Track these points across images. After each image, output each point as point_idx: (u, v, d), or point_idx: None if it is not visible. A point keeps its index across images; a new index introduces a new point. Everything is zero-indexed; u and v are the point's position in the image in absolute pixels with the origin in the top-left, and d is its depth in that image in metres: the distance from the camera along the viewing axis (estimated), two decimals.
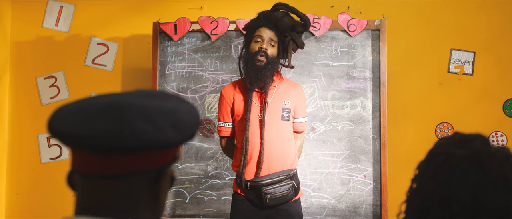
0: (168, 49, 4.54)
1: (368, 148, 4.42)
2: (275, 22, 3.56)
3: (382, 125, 4.38)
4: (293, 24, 3.62)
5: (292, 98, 3.61)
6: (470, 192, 1.33)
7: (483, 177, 1.34)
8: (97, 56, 5.03)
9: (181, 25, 4.52)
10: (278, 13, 3.59)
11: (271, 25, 3.56)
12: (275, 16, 3.57)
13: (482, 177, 1.34)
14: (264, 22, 3.57)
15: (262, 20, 3.59)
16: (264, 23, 3.57)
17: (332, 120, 4.45)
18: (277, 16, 3.57)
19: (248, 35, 3.62)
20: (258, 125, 3.51)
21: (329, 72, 4.47)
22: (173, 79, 4.53)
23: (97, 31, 5.04)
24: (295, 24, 3.63)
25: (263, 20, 3.58)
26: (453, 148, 1.40)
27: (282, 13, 3.60)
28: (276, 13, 3.59)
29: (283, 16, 3.58)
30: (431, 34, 4.90)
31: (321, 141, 4.45)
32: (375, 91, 4.42)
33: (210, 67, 4.52)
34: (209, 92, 4.52)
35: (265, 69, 3.46)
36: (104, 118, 1.21)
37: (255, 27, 3.58)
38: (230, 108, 3.62)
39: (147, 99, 1.28)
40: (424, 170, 1.45)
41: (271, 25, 3.56)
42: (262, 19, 3.60)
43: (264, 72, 3.45)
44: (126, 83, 5.00)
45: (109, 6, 5.03)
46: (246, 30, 3.69)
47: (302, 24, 3.65)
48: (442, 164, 1.39)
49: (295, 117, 3.64)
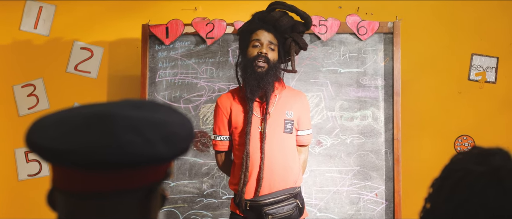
0: (158, 55, 4.54)
1: (380, 164, 4.41)
2: (273, 23, 3.54)
3: (396, 138, 4.38)
4: (293, 23, 3.60)
5: (296, 108, 3.59)
6: (488, 212, 1.32)
7: (503, 195, 1.32)
8: (80, 62, 5.03)
9: (173, 28, 4.52)
10: (275, 13, 3.56)
11: (268, 26, 3.54)
12: (273, 17, 3.55)
13: (501, 195, 1.32)
14: (261, 24, 3.55)
15: (258, 22, 3.57)
16: (261, 25, 3.54)
17: (340, 133, 4.45)
18: (275, 16, 3.54)
19: (244, 40, 3.60)
20: (258, 138, 3.49)
21: (337, 79, 4.48)
22: (164, 87, 4.53)
23: (81, 35, 5.04)
24: (295, 23, 3.61)
25: (259, 22, 3.56)
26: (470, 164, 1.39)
27: (280, 13, 3.58)
28: (273, 13, 3.56)
29: (281, 15, 3.56)
30: (450, 37, 4.90)
31: (328, 156, 4.45)
32: (387, 101, 4.42)
33: (205, 75, 4.53)
34: (204, 102, 4.52)
35: (267, 76, 3.43)
36: (88, 130, 1.20)
37: (252, 30, 3.56)
38: (227, 119, 3.60)
39: (136, 109, 1.28)
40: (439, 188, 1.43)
41: (268, 26, 3.54)
42: (257, 21, 3.58)
43: (266, 79, 3.43)
44: (112, 92, 4.99)
45: (94, 7, 5.03)
46: (241, 34, 3.67)
47: (302, 23, 3.64)
48: (459, 181, 1.37)
49: (299, 129, 3.62)
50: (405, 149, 4.62)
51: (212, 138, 3.69)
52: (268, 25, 3.55)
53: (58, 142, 1.20)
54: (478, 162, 1.39)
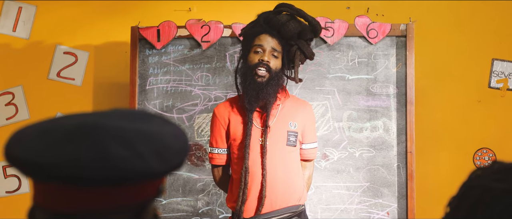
0: (149, 60, 4.55)
1: (392, 179, 4.41)
2: (278, 27, 3.50)
3: (409, 151, 4.38)
4: (301, 30, 3.55)
5: (300, 119, 3.59)
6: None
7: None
8: (64, 68, 5.04)
9: (165, 31, 4.53)
10: (282, 17, 3.53)
11: (273, 31, 3.51)
12: (278, 20, 3.50)
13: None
14: (265, 28, 3.52)
15: (263, 25, 3.54)
16: (265, 29, 3.52)
17: (348, 145, 4.45)
18: (281, 20, 3.50)
19: (246, 44, 3.59)
20: (259, 152, 3.49)
21: (345, 87, 4.48)
22: (155, 96, 4.54)
23: (64, 38, 5.05)
24: (302, 30, 3.57)
25: (264, 25, 3.54)
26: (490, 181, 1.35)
27: (287, 17, 3.54)
28: (279, 17, 3.52)
29: (288, 20, 3.51)
30: (468, 41, 4.90)
31: (335, 171, 4.45)
32: (400, 111, 4.43)
33: (200, 82, 4.53)
34: (199, 112, 4.52)
35: (267, 86, 3.43)
36: (73, 143, 1.19)
37: (254, 33, 3.54)
38: (224, 131, 3.60)
39: (125, 120, 1.27)
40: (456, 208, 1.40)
41: (273, 31, 3.51)
42: (262, 23, 3.55)
43: (266, 89, 3.42)
44: (99, 101, 5.00)
45: (78, 7, 5.04)
46: (243, 37, 3.67)
47: (311, 30, 3.61)
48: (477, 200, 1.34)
49: (303, 142, 3.63)
50: (419, 163, 4.62)
51: (208, 151, 3.69)
52: (273, 30, 3.51)
53: (41, 155, 1.18)
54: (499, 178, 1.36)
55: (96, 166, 1.17)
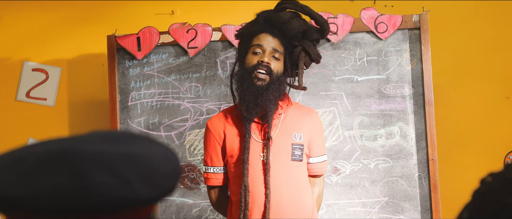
0: (130, 72, 4.54)
1: (413, 192, 4.40)
2: (280, 26, 3.50)
3: (431, 158, 4.37)
4: (306, 29, 3.55)
5: (305, 129, 3.57)
6: None
7: None
8: (33, 87, 5.03)
9: (146, 38, 4.52)
10: (285, 14, 3.52)
11: (274, 30, 3.50)
12: (281, 18, 3.50)
13: None
14: (266, 27, 3.51)
15: (263, 24, 3.54)
16: (265, 27, 3.51)
17: (361, 156, 4.44)
18: (284, 17, 3.49)
19: (243, 45, 3.57)
20: (261, 169, 3.47)
21: (354, 90, 4.47)
22: (139, 112, 4.53)
23: (32, 53, 5.05)
24: (308, 29, 3.56)
25: (264, 24, 3.54)
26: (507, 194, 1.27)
27: (290, 14, 3.53)
28: (281, 14, 3.51)
29: (291, 17, 3.51)
30: (492, 30, 4.89)
31: (348, 186, 4.43)
32: (418, 113, 4.42)
33: (189, 93, 4.52)
34: (190, 128, 4.52)
35: (267, 91, 3.40)
36: (49, 171, 1.20)
37: (253, 33, 3.53)
38: (220, 147, 3.58)
39: (107, 143, 1.28)
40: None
41: (274, 30, 3.50)
42: (262, 22, 3.55)
43: (266, 95, 3.40)
44: (75, 122, 4.99)
45: (47, 17, 5.03)
46: (240, 37, 3.66)
47: (317, 29, 3.62)
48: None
49: (311, 155, 3.62)
50: (443, 172, 4.61)
51: (203, 171, 3.68)
52: (274, 28, 3.51)
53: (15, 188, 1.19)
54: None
55: (77, 196, 1.19)
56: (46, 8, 5.03)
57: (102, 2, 5.02)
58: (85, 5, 5.02)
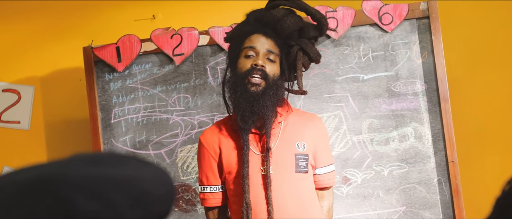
0: (111, 86, 4.53)
1: (433, 199, 4.38)
2: (273, 25, 3.49)
3: (451, 160, 4.34)
4: (302, 26, 3.54)
5: (309, 138, 3.55)
6: None
7: None
8: (5, 109, 5.05)
9: (126, 47, 4.51)
10: (278, 12, 3.51)
11: (268, 30, 3.49)
12: (273, 16, 3.48)
13: None
14: (258, 27, 3.50)
15: (254, 24, 3.53)
16: (257, 28, 3.50)
17: (373, 163, 4.42)
18: (277, 15, 3.48)
19: (234, 48, 3.56)
20: (261, 183, 3.45)
21: (360, 90, 4.45)
22: (123, 130, 4.52)
23: (1, 72, 5.05)
24: (304, 26, 3.55)
25: (256, 24, 3.53)
26: None
27: (284, 11, 3.52)
28: (274, 12, 3.50)
29: (286, 15, 3.49)
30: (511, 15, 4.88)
31: (361, 197, 4.41)
32: (433, 111, 4.39)
33: (178, 106, 4.51)
34: (182, 144, 4.51)
35: (264, 97, 3.38)
36: (30, 201, 1.18)
37: (244, 34, 3.51)
38: (216, 163, 3.57)
39: (91, 166, 1.26)
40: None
41: (268, 30, 3.49)
42: (253, 22, 3.55)
43: (263, 101, 3.37)
44: (54, 146, 5.01)
45: (15, 33, 5.05)
46: (230, 40, 3.65)
47: (314, 25, 3.60)
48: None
49: (317, 165, 3.59)
50: (464, 175, 4.59)
51: (199, 191, 3.68)
52: (267, 28, 3.50)
53: None
54: None
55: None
56: (14, 22, 5.05)
57: (75, 11, 5.03)
58: (57, 16, 5.04)
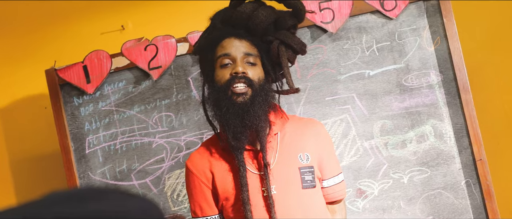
0: (81, 112, 4.51)
1: (462, 204, 4.34)
2: (244, 23, 3.47)
3: (478, 159, 4.31)
4: (276, 17, 3.49)
5: (312, 147, 3.50)
6: None
7: None
8: None
9: (94, 65, 4.49)
10: (245, 7, 3.47)
11: (239, 30, 3.47)
12: (242, 13, 3.46)
13: None
14: (227, 30, 3.47)
15: (222, 27, 3.51)
16: (226, 31, 3.46)
17: (390, 170, 4.38)
18: (245, 11, 3.45)
19: (206, 60, 3.51)
20: (263, 205, 3.40)
21: (367, 88, 4.42)
22: (101, 161, 4.49)
23: None
24: (278, 16, 3.50)
25: (224, 27, 3.51)
26: None
27: (252, 5, 3.48)
28: (241, 9, 3.47)
29: (255, 9, 3.46)
30: None
31: (380, 210, 4.38)
32: (453, 105, 4.36)
33: (160, 126, 4.49)
34: (169, 170, 4.48)
35: (253, 107, 3.32)
36: None
37: (214, 42, 3.46)
38: (210, 190, 3.53)
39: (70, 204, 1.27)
40: None
41: (239, 30, 3.47)
42: (220, 25, 3.52)
43: (254, 111, 3.31)
44: (23, 185, 4.99)
45: None
46: (200, 52, 3.60)
47: (290, 13, 3.54)
48: None
49: (323, 177, 3.55)
50: (495, 173, 4.57)
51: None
52: (237, 29, 3.47)
53: None
54: None
55: None
56: None
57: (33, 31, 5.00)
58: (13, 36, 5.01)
